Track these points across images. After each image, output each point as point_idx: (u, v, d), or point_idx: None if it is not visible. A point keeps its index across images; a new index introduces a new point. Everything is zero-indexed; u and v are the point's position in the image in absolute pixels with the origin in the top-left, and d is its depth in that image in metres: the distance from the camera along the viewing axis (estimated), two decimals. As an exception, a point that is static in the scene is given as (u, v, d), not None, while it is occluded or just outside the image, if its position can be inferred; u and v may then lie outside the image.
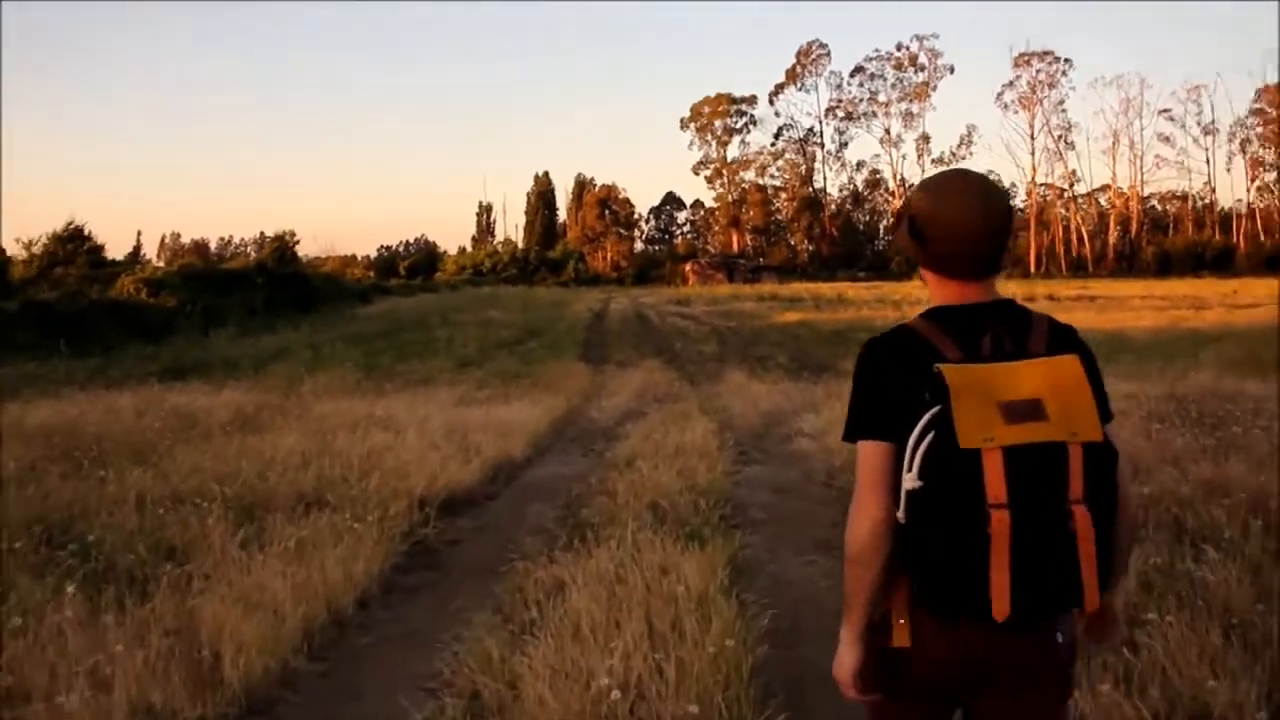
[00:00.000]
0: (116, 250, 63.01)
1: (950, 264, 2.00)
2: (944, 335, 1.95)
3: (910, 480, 1.85)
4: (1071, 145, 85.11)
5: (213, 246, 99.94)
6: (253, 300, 30.57)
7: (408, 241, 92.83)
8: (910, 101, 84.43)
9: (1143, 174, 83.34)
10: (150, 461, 7.63)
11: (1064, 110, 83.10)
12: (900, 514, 1.87)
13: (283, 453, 7.85)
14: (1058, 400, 1.84)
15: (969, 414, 1.81)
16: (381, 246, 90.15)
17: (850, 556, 1.96)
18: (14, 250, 33.35)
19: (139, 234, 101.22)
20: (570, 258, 76.70)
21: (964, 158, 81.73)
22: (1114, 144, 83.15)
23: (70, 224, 33.84)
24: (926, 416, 1.84)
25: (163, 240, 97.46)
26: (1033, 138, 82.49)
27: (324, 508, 6.21)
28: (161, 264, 49.51)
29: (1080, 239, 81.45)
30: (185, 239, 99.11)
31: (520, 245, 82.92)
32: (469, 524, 6.65)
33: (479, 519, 6.82)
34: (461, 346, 22.32)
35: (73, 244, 33.76)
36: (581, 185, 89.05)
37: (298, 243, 40.74)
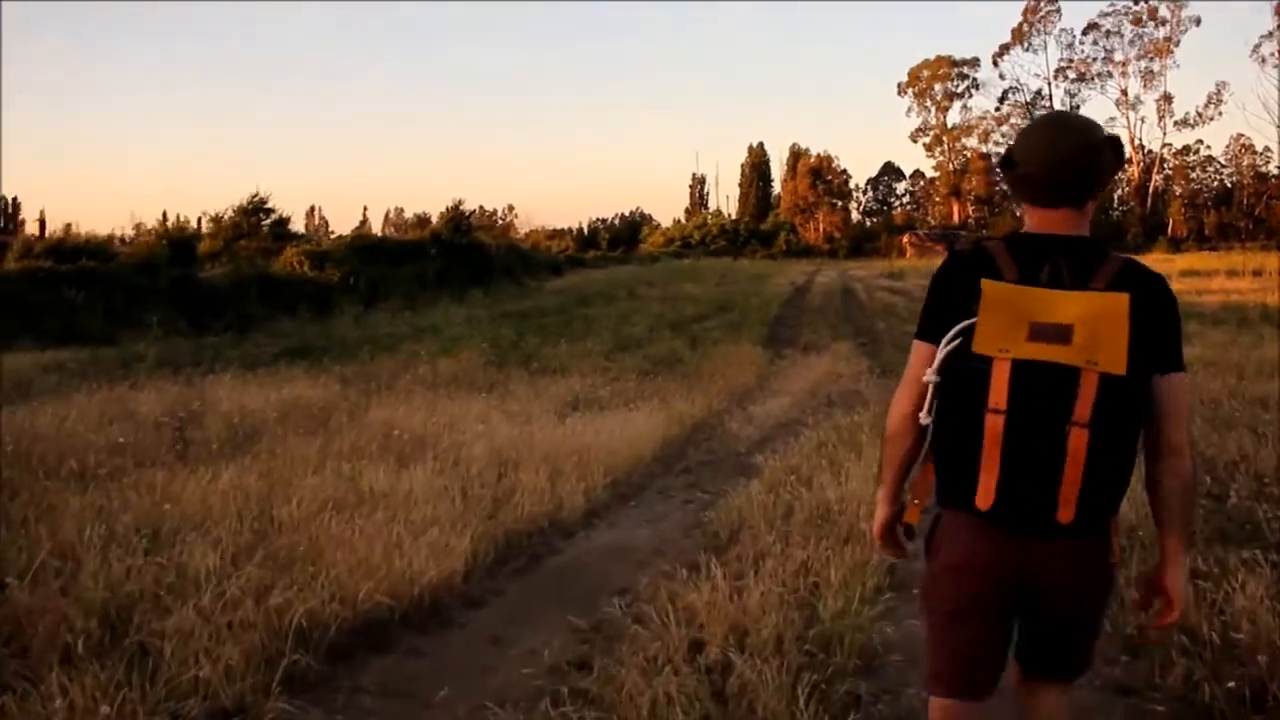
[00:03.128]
0: (344, 226, 63.82)
1: (1028, 188, 2.05)
2: (1010, 258, 1.99)
3: (929, 374, 1.99)
4: (1341, 102, 72.81)
5: (434, 220, 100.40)
6: (424, 273, 28.60)
7: (622, 214, 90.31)
8: (1150, 59, 73.61)
9: None
10: None
11: (1333, 61, 71.51)
12: (925, 408, 2.02)
13: (196, 504, 5.07)
14: (1088, 329, 1.87)
15: (993, 325, 1.92)
16: (595, 219, 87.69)
17: (885, 437, 2.16)
18: (205, 227, 32.51)
19: (365, 209, 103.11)
20: (781, 229, 72.76)
21: (1213, 118, 71.29)
22: (1394, 98, 71.08)
23: (255, 196, 32.74)
24: (963, 324, 1.95)
25: (386, 215, 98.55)
26: (1294, 94, 71.54)
27: (101, 655, 3.34)
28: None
29: (1349, 209, 70.00)
30: (409, 213, 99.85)
31: (732, 217, 79.44)
32: (373, 685, 3.58)
33: (399, 673, 3.71)
34: (630, 325, 19.29)
35: (256, 216, 32.71)
36: (796, 155, 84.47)
37: (506, 215, 38.64)
